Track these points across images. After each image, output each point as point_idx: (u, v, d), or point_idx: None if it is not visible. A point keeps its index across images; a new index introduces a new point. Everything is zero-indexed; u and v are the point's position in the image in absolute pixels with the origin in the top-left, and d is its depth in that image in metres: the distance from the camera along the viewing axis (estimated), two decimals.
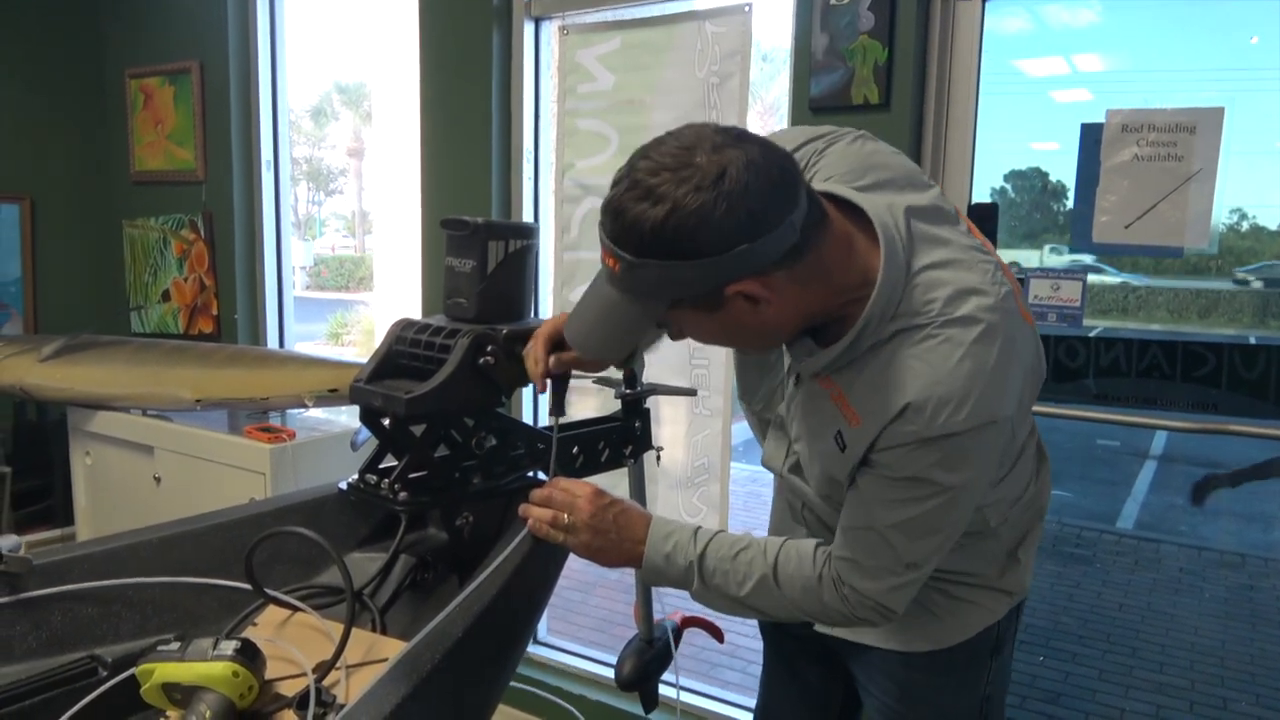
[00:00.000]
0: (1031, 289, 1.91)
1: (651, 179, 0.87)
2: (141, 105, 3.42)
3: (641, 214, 0.87)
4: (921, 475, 0.97)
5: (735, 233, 0.87)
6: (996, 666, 1.30)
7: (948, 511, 1.01)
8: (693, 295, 0.92)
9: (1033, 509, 1.27)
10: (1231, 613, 3.67)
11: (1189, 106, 1.77)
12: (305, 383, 2.59)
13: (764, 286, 0.92)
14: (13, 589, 1.13)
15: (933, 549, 1.04)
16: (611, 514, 1.15)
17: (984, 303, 0.96)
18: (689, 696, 2.52)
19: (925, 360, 0.94)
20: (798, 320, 1.00)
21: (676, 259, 0.88)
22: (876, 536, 1.02)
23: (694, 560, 1.12)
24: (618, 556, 1.16)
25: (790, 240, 0.90)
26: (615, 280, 0.94)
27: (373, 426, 1.25)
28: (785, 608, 1.11)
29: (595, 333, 1.01)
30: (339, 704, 1.03)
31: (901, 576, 1.04)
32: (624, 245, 0.89)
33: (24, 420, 3.39)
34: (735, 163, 0.87)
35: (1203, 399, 1.85)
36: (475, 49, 2.57)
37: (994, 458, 1.02)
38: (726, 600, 1.13)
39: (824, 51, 2.00)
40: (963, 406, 0.93)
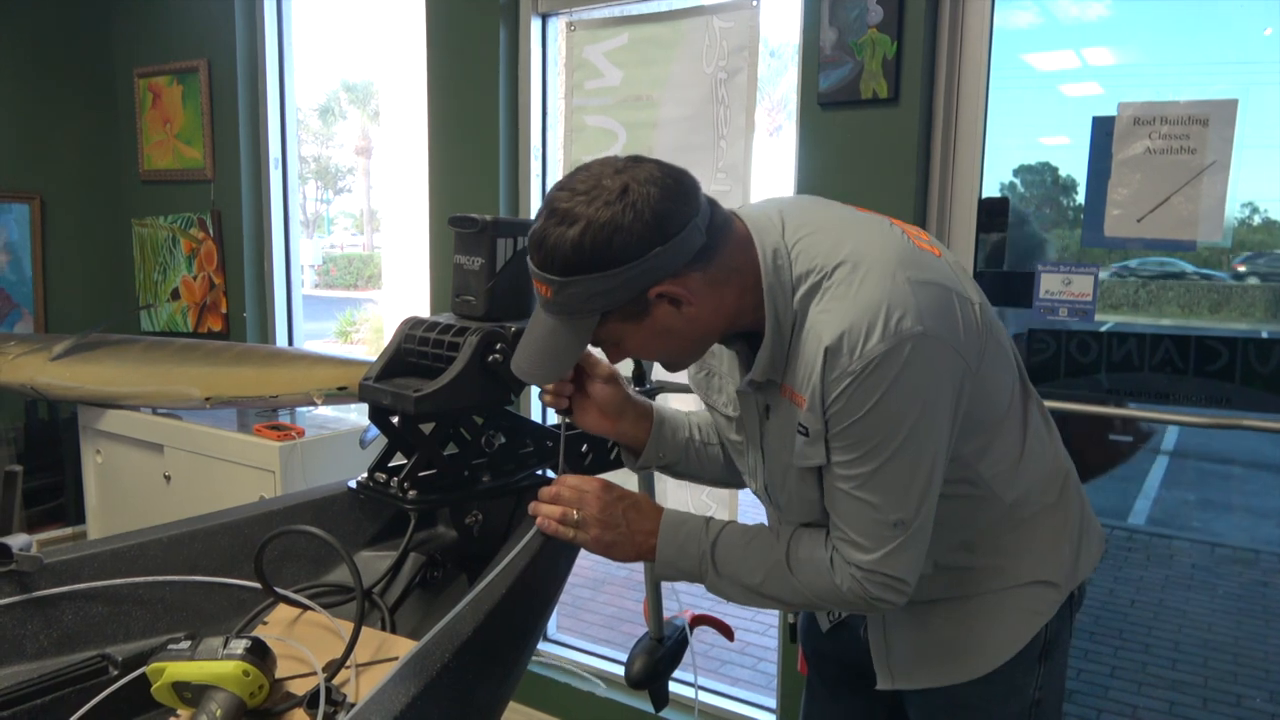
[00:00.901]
0: (1043, 283, 1.90)
1: (565, 205, 0.97)
2: (150, 104, 3.43)
3: (561, 236, 0.96)
4: (867, 418, 0.98)
5: (646, 237, 0.96)
6: (1046, 671, 1.23)
7: (911, 453, 1.00)
8: (619, 304, 1.00)
9: (1054, 483, 1.21)
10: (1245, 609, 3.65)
11: (1202, 99, 1.75)
12: (314, 381, 2.59)
13: (682, 287, 1.00)
14: (24, 588, 1.14)
15: (914, 501, 1.02)
16: (621, 507, 1.14)
17: (862, 243, 1.03)
18: (701, 694, 2.51)
19: (827, 308, 1.00)
20: (720, 321, 1.05)
21: (598, 271, 0.97)
22: (854, 502, 1.03)
23: (707, 550, 1.12)
24: (630, 550, 1.15)
25: (698, 241, 1.00)
26: (549, 305, 1.02)
27: (382, 425, 1.25)
28: (803, 595, 1.10)
29: (536, 359, 1.07)
30: (349, 703, 1.03)
31: (893, 538, 1.03)
32: (550, 269, 0.98)
33: (35, 419, 3.41)
34: (636, 178, 0.97)
35: (1216, 393, 1.83)
36: (482, 46, 2.57)
37: (937, 382, 1.00)
38: (742, 590, 1.12)
39: (832, 46, 1.99)
40: (873, 331, 0.96)
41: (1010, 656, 1.20)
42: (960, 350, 1.02)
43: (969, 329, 1.03)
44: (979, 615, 1.20)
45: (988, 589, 1.20)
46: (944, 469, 1.05)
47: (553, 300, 1.01)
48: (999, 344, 1.11)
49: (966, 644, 1.21)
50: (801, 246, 1.04)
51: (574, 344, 1.05)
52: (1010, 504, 1.16)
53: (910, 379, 0.98)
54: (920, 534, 1.05)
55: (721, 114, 2.22)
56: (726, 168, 2.22)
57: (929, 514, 1.05)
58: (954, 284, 1.05)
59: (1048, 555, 1.21)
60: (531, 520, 1.17)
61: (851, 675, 1.38)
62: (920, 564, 1.07)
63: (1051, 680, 1.25)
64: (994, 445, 1.12)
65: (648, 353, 1.10)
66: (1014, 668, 1.21)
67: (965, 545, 1.18)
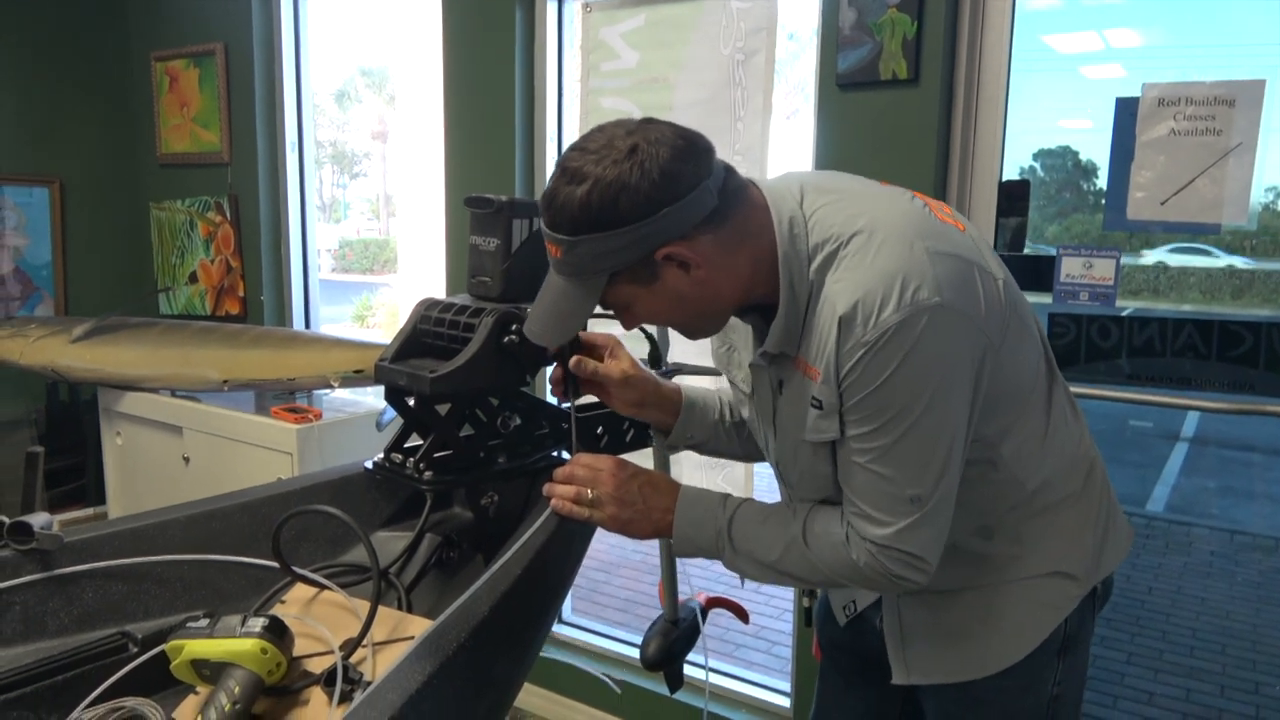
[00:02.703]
0: (1064, 267, 1.87)
1: (575, 164, 0.97)
2: (167, 88, 3.44)
3: (569, 195, 0.96)
4: (881, 389, 0.96)
5: (654, 196, 0.95)
6: (1065, 666, 1.20)
7: (928, 427, 0.98)
8: (626, 264, 0.99)
9: (1078, 471, 1.19)
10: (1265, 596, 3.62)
11: (1228, 79, 1.72)
12: (331, 363, 2.60)
13: (690, 249, 0.99)
14: (45, 566, 1.15)
15: (931, 477, 1.00)
16: (637, 484, 1.14)
17: (881, 213, 1.01)
18: (716, 677, 2.52)
19: (842, 277, 0.99)
20: (734, 289, 1.04)
21: (606, 229, 0.96)
22: (870, 476, 1.01)
23: (723, 526, 1.11)
24: (647, 527, 1.14)
25: (709, 204, 0.98)
26: (559, 266, 1.02)
27: (398, 405, 1.25)
28: (820, 572, 1.08)
29: (545, 320, 1.06)
30: (366, 681, 1.03)
31: (910, 513, 1.00)
32: (559, 228, 0.98)
33: (56, 401, 3.44)
34: (647, 137, 0.97)
35: (1239, 379, 1.81)
36: (498, 28, 2.56)
37: (954, 356, 0.98)
38: (758, 567, 1.11)
39: (851, 26, 1.97)
40: (888, 301, 0.94)
41: (1028, 651, 1.17)
42: (980, 325, 1.00)
43: (990, 303, 1.01)
44: (996, 607, 1.18)
45: (1005, 579, 1.17)
46: (965, 447, 1.03)
47: (562, 260, 1.00)
48: (1023, 322, 1.08)
49: (983, 638, 1.19)
50: (819, 216, 1.03)
51: (583, 305, 1.04)
52: (1031, 490, 1.14)
53: (926, 351, 0.95)
54: (938, 512, 1.03)
55: (739, 96, 2.20)
56: (743, 150, 2.21)
57: (948, 493, 1.03)
58: (976, 258, 1.03)
59: (1069, 546, 1.18)
60: (547, 501, 1.17)
61: (866, 667, 1.37)
62: (940, 544, 1.04)
63: (1071, 676, 1.22)
64: (1017, 426, 1.10)
65: (659, 318, 1.09)
66: (1032, 662, 1.18)
67: (983, 531, 1.15)
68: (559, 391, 1.25)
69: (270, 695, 1.04)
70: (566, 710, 2.70)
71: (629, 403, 1.27)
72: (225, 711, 0.97)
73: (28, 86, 3.37)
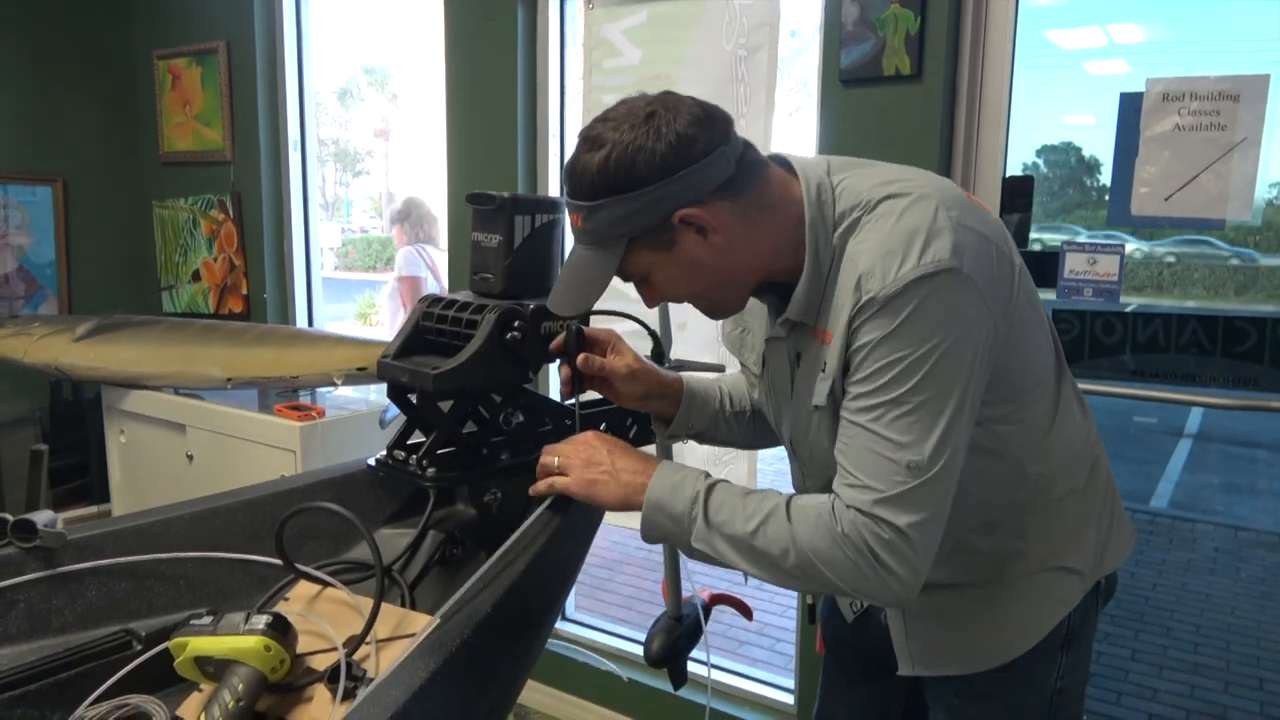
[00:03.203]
0: (1068, 263, 1.87)
1: (595, 132, 1.01)
2: (170, 86, 3.44)
3: (589, 161, 0.99)
4: (889, 342, 0.95)
5: (670, 158, 0.97)
6: (1069, 660, 1.20)
7: (932, 391, 0.95)
8: (644, 228, 1.01)
9: (1082, 466, 1.18)
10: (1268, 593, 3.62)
11: (1233, 74, 1.72)
12: (334, 361, 2.60)
13: (707, 213, 1.00)
14: (49, 563, 1.15)
15: (930, 446, 0.95)
16: (606, 447, 1.11)
17: (911, 178, 1.03)
18: (719, 674, 2.52)
19: (867, 239, 1.00)
20: (752, 258, 1.05)
21: (624, 192, 0.98)
22: (867, 436, 0.97)
23: (701, 491, 1.04)
24: (616, 489, 1.08)
25: (725, 171, 1.00)
26: (580, 235, 1.04)
27: (400, 402, 1.25)
28: (798, 553, 0.99)
29: (565, 289, 1.07)
30: (369, 678, 1.03)
31: (904, 482, 0.95)
32: (580, 194, 1.01)
33: (60, 399, 3.44)
34: (666, 105, 1.00)
35: (1244, 375, 1.80)
36: (500, 25, 2.55)
37: (965, 323, 0.97)
38: (729, 543, 1.02)
39: (854, 21, 1.97)
40: (907, 258, 0.95)
41: (1032, 645, 1.17)
42: (989, 303, 0.99)
43: (1001, 285, 1.01)
44: (1001, 601, 1.18)
45: (1009, 574, 1.17)
46: (967, 428, 1.00)
47: (583, 229, 1.02)
48: (1035, 310, 1.09)
49: (987, 631, 1.19)
50: (846, 184, 1.05)
51: (602, 274, 1.04)
52: (1036, 483, 1.13)
53: (938, 310, 0.95)
54: (935, 489, 0.97)
55: (741, 92, 2.20)
56: None
57: (948, 473, 0.97)
58: (999, 240, 1.03)
59: (1072, 541, 1.18)
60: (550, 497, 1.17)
61: (870, 664, 1.37)
62: (934, 539, 0.98)
63: (1074, 670, 1.22)
64: (1023, 414, 1.09)
65: (677, 289, 1.08)
66: (1035, 656, 1.18)
67: (986, 526, 1.15)
68: (568, 391, 1.25)
69: (274, 692, 1.04)
70: (570, 707, 2.71)
71: (634, 396, 1.27)
72: (229, 708, 0.98)
73: (30, 85, 3.37)
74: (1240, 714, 2.79)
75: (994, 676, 1.19)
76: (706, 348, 2.28)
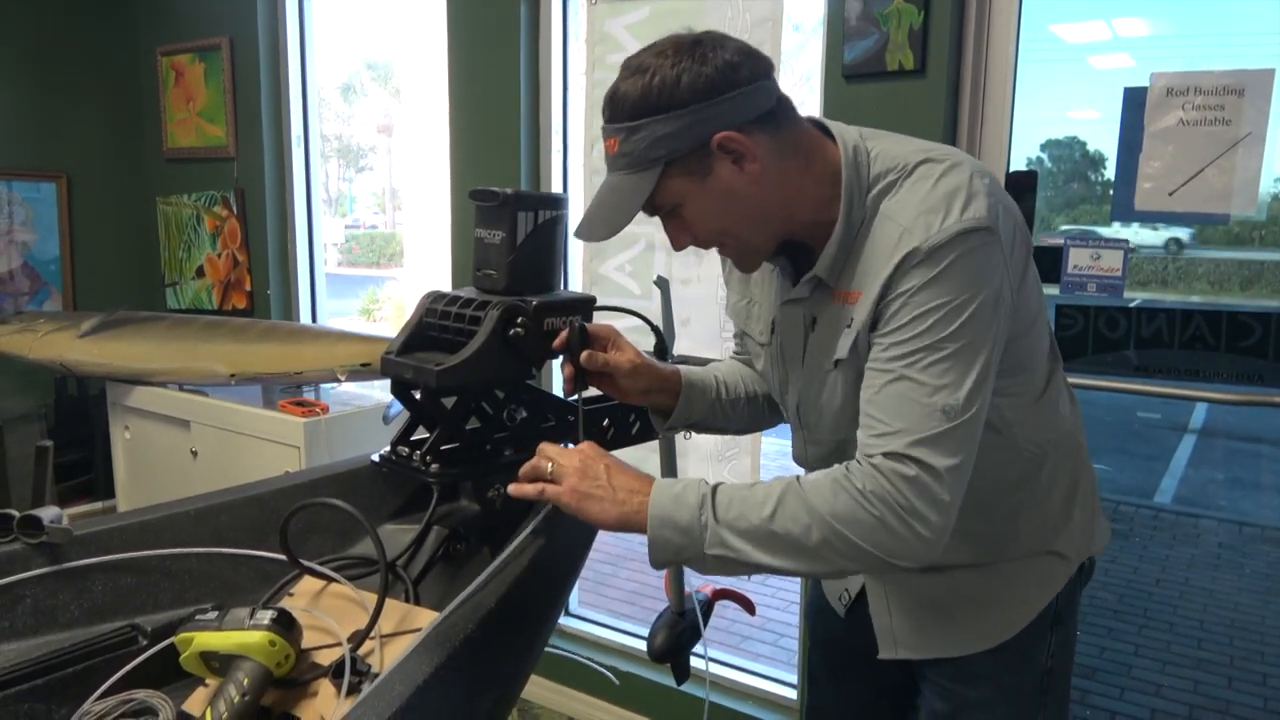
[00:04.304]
0: (1071, 258, 1.87)
1: (637, 60, 1.02)
2: (173, 82, 3.45)
3: (632, 85, 1.00)
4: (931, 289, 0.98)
5: (715, 80, 0.99)
6: (1057, 639, 1.24)
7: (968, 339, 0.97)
8: (683, 149, 1.00)
9: (1070, 454, 1.21)
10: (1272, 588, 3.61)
11: (1237, 69, 1.71)
12: (338, 357, 2.61)
13: (747, 140, 1.01)
14: (55, 559, 1.15)
15: (965, 392, 0.96)
16: (603, 464, 1.06)
17: (942, 149, 1.06)
18: (722, 669, 2.52)
19: (906, 199, 1.02)
20: (782, 200, 1.05)
21: (666, 111, 0.99)
22: (902, 384, 0.97)
23: (706, 495, 1.00)
24: (610, 506, 1.03)
25: (766, 103, 1.02)
26: (615, 161, 1.04)
27: (404, 398, 1.25)
28: (819, 528, 0.96)
29: (593, 214, 1.07)
30: (373, 673, 1.04)
31: (938, 425, 0.95)
32: (619, 117, 1.02)
33: (65, 395, 3.45)
34: (709, 36, 1.02)
35: (1248, 370, 1.80)
36: (503, 21, 2.55)
37: (997, 281, 1.00)
38: (746, 536, 0.98)
39: (858, 16, 1.96)
40: (950, 213, 0.98)
41: (1018, 629, 1.21)
42: (1010, 269, 1.03)
43: (1019, 256, 1.05)
44: (990, 585, 1.21)
45: (1001, 558, 1.20)
46: (991, 384, 1.01)
47: (619, 153, 1.03)
48: (1039, 292, 1.12)
49: (975, 615, 1.22)
50: (880, 150, 1.07)
51: (634, 199, 1.04)
52: (1029, 458, 1.16)
53: (976, 264, 0.98)
54: (968, 435, 0.97)
55: None
56: None
57: (976, 422, 0.98)
58: (1017, 213, 1.07)
59: (1060, 527, 1.22)
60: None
61: (863, 660, 1.36)
62: (964, 483, 0.98)
63: (1063, 649, 1.26)
64: (1022, 390, 1.12)
65: (708, 223, 1.07)
66: (1026, 637, 1.21)
67: (982, 509, 1.15)
68: (572, 388, 1.25)
69: (279, 687, 1.04)
70: (573, 702, 2.71)
71: (636, 391, 1.27)
72: (234, 703, 0.98)
73: (34, 82, 3.38)
74: (1244, 709, 2.79)
75: (986, 658, 1.22)
76: (710, 344, 2.28)
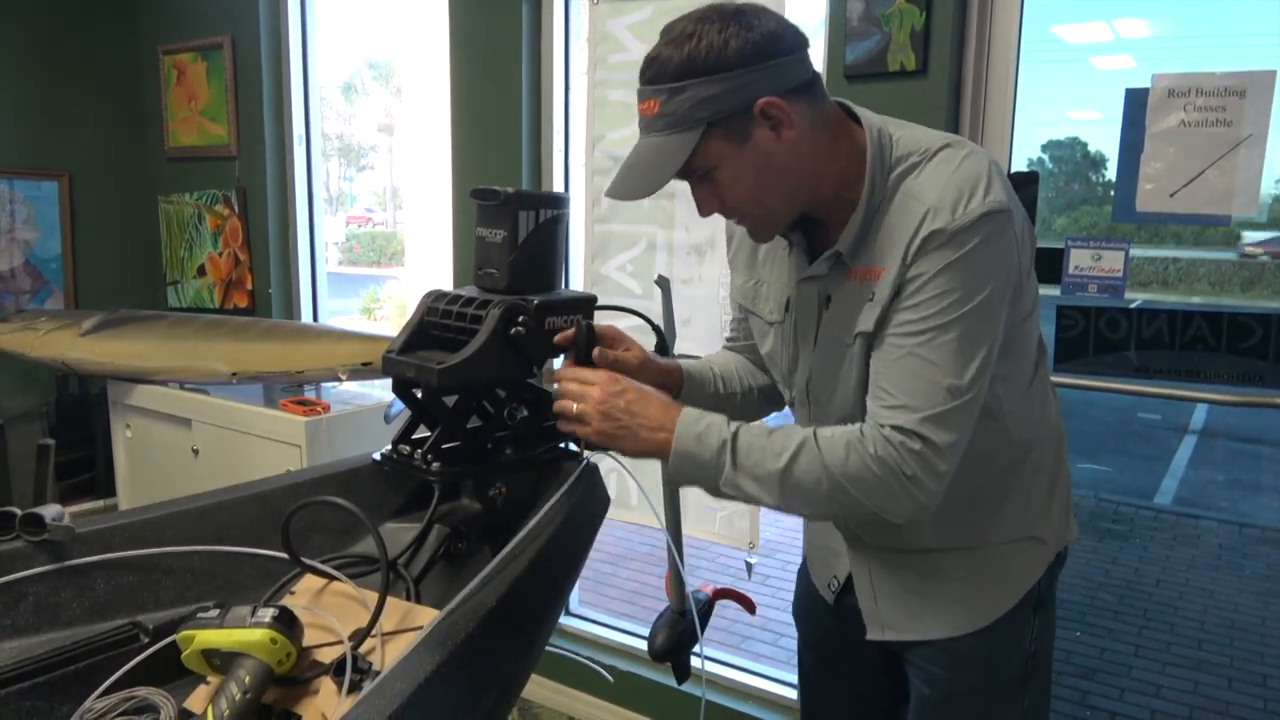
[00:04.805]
0: (1072, 259, 1.87)
1: (680, 26, 1.04)
2: (175, 81, 3.45)
3: (677, 48, 1.03)
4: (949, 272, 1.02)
5: (759, 46, 1.02)
6: (1040, 622, 1.28)
7: (978, 322, 1.03)
8: (726, 112, 1.03)
9: (1052, 444, 1.27)
10: (1272, 589, 3.62)
11: (1239, 70, 1.71)
12: (339, 356, 2.61)
13: (787, 105, 1.04)
14: (57, 557, 1.15)
15: (971, 373, 1.03)
16: (624, 400, 1.11)
17: (962, 139, 1.11)
18: (722, 669, 2.52)
19: (929, 179, 1.06)
20: (811, 169, 1.09)
21: (712, 74, 1.02)
22: (913, 361, 1.04)
23: (728, 438, 1.07)
24: (635, 443, 1.11)
25: (805, 74, 1.06)
26: (654, 121, 1.06)
27: (405, 397, 1.25)
28: (829, 483, 1.04)
29: (631, 176, 1.09)
30: (375, 671, 1.04)
31: (944, 403, 1.02)
32: (662, 79, 1.04)
33: (66, 393, 3.45)
34: (751, 7, 1.05)
35: (1248, 371, 1.80)
36: (505, 20, 2.55)
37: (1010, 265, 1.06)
38: (761, 482, 1.06)
39: (860, 17, 1.96)
40: (974, 195, 1.02)
41: (1001, 614, 1.24)
42: (1021, 254, 1.08)
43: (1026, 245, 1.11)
44: (973, 569, 1.25)
45: (986, 542, 1.24)
46: (993, 366, 1.07)
47: (659, 114, 1.05)
48: (1034, 285, 1.17)
49: (958, 598, 1.25)
50: (902, 134, 1.11)
51: (672, 159, 1.06)
52: (1017, 445, 1.20)
53: (994, 250, 1.03)
54: (967, 414, 1.04)
55: None
56: None
57: (976, 402, 1.05)
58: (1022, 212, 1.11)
59: (1043, 513, 1.26)
60: (555, 490, 1.17)
61: (854, 654, 1.40)
62: (958, 456, 1.05)
63: (1044, 633, 1.30)
64: (1014, 378, 1.16)
65: (741, 188, 1.09)
66: (1011, 621, 1.25)
67: (971, 494, 1.19)
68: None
69: (280, 685, 1.04)
70: (573, 702, 2.71)
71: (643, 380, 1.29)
72: (235, 701, 0.98)
73: (36, 80, 3.38)
74: (1243, 710, 2.79)
75: (972, 642, 1.25)
76: (711, 343, 2.28)
